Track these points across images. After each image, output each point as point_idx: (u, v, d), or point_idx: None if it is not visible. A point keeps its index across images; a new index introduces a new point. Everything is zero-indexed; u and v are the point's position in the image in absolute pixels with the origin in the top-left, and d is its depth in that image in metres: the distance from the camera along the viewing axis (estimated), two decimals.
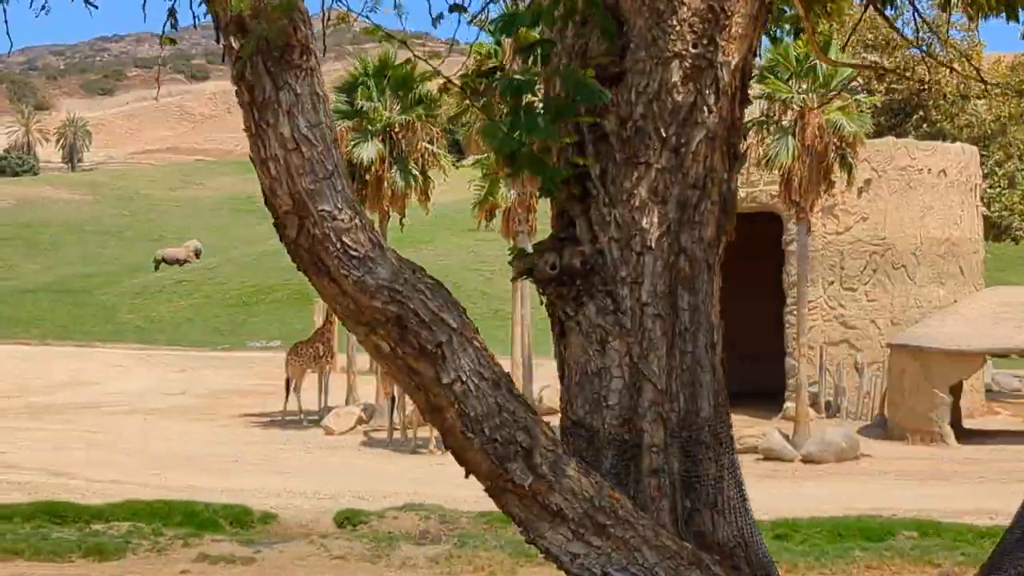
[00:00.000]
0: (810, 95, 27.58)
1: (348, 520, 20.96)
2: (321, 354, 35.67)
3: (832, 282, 35.67)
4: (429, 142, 33.97)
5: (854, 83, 37.58)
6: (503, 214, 34.26)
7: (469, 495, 23.26)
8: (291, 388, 35.52)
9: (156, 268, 78.87)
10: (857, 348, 35.52)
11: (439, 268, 69.09)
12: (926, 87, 47.59)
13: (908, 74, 43.96)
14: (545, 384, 36.39)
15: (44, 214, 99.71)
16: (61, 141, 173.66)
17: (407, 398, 28.05)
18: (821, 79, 27.65)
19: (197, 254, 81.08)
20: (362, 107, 33.37)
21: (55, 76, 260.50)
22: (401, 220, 34.91)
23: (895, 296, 35.68)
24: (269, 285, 67.05)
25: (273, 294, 65.69)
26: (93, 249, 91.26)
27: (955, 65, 34.04)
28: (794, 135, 27.54)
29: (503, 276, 69.15)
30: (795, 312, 35.83)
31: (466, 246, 72.07)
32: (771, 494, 24.09)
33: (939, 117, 51.56)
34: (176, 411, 38.13)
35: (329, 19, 6.76)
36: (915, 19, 8.83)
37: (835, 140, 27.75)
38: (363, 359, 38.37)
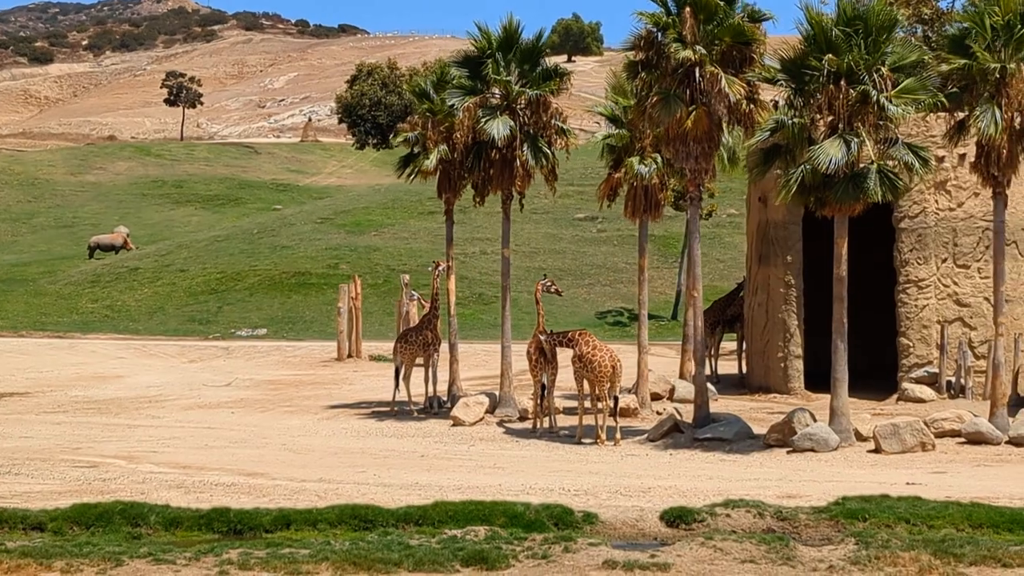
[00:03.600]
0: (1015, 64, 26.71)
1: (680, 519, 19.60)
2: (430, 341, 33.94)
3: (945, 259, 35.01)
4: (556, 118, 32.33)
5: None
6: (629, 194, 32.78)
7: (712, 487, 22.12)
8: (401, 377, 33.79)
9: (91, 256, 75.62)
10: (971, 327, 34.88)
11: (409, 251, 67.55)
12: None
13: None
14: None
15: None
16: None
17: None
18: None
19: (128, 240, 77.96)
20: (490, 81, 31.74)
21: None
22: (521, 200, 33.24)
23: (1007, 273, 35.04)
24: (237, 272, 64.65)
25: (243, 281, 63.32)
26: (5, 237, 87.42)
27: None
28: (1000, 107, 26.65)
29: (478, 259, 67.61)
30: (908, 291, 35.25)
31: (431, 229, 70.38)
32: None
33: None
34: (252, 404, 36.20)
35: None
36: None
37: None
38: (463, 347, 36.89)
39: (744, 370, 39.99)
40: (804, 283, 36.47)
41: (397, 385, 33.81)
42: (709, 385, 36.31)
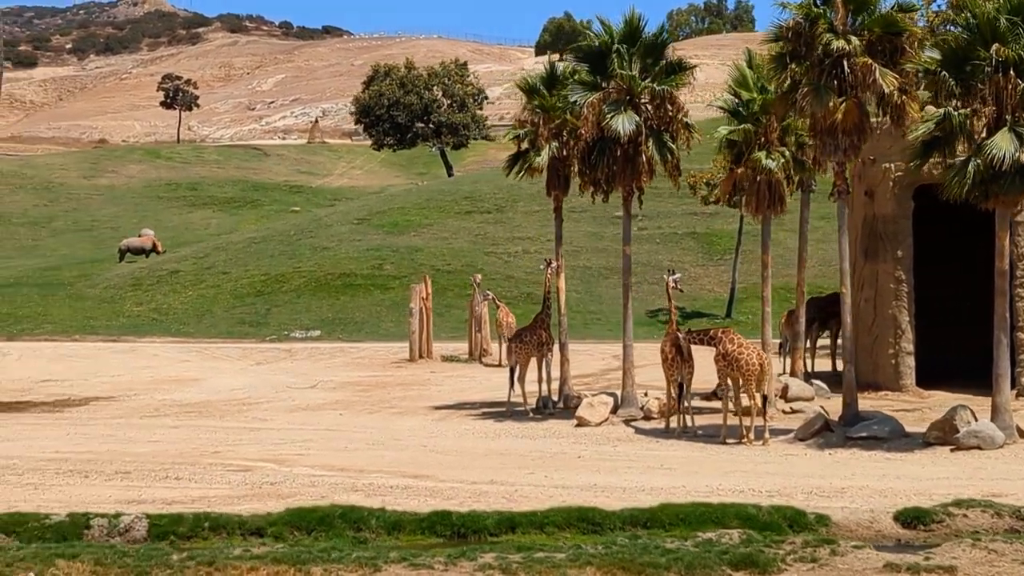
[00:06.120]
0: None
1: (918, 520, 18.96)
2: (544, 341, 33.29)
3: None
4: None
5: None
6: (752, 188, 32.00)
7: (908, 487, 21.46)
8: (516, 377, 33.10)
9: (121, 259, 74.62)
10: None
11: (451, 251, 66.76)
12: None
13: None
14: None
15: None
16: None
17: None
18: None
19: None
20: (615, 76, 31.04)
21: None
22: (640, 197, 32.52)
23: None
24: (280, 273, 63.79)
25: (288, 283, 62.46)
26: (26, 241, 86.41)
27: None
28: None
29: (521, 259, 66.83)
30: None
31: (470, 228, 69.65)
32: None
33: None
34: (352, 405, 35.49)
35: None
36: None
37: None
38: (573, 346, 36.03)
39: (841, 367, 39.24)
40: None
41: (512, 385, 33.08)
42: (820, 383, 35.83)
